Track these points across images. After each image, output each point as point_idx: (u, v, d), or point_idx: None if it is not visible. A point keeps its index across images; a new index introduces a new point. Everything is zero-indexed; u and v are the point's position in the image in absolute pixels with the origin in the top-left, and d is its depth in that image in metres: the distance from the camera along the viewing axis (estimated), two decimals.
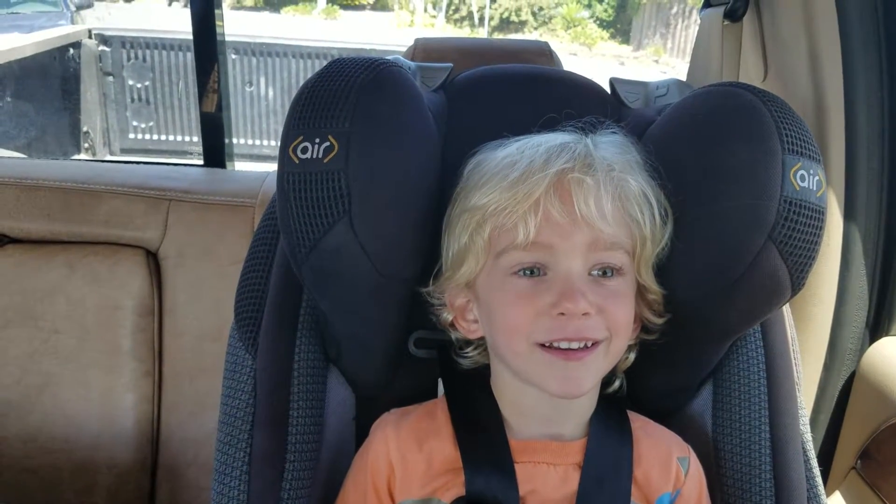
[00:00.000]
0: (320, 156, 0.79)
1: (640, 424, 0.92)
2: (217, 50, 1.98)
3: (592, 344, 0.80)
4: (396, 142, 0.82)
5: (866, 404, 1.47)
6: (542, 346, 0.79)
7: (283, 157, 0.80)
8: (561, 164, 0.79)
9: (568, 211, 0.78)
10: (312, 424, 0.93)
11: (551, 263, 0.80)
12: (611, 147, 0.84)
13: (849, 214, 1.46)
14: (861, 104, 1.44)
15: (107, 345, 1.70)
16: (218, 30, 1.97)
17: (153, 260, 1.72)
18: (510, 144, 0.86)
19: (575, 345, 0.79)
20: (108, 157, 5.47)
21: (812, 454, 1.01)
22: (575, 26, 15.40)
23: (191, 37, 1.99)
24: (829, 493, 1.49)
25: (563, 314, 0.78)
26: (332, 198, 0.78)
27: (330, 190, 0.78)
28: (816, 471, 1.01)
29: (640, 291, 0.87)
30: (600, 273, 0.81)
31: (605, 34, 15.45)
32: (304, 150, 0.79)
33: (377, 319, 0.92)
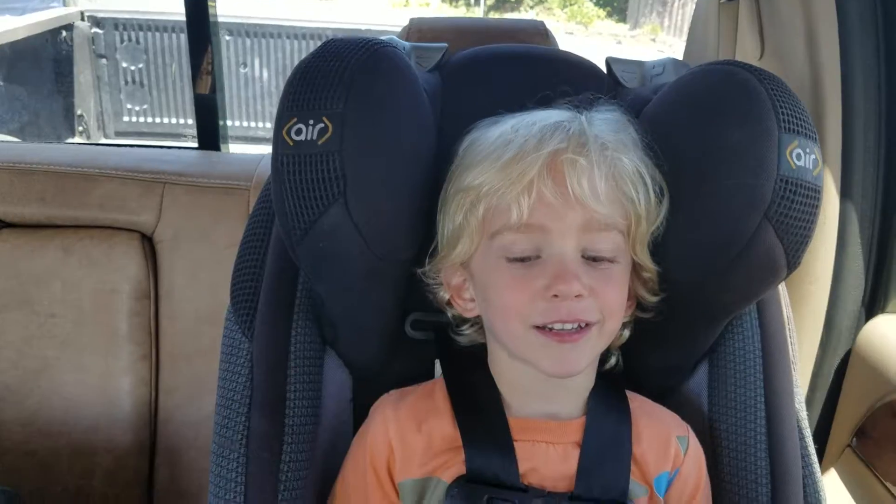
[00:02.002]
0: (314, 137, 0.78)
1: (639, 404, 0.93)
2: (210, 31, 1.96)
3: (586, 325, 0.80)
4: (391, 123, 0.82)
5: (862, 382, 1.48)
6: (538, 327, 0.80)
7: (277, 139, 0.80)
8: (555, 145, 0.79)
9: (561, 192, 0.78)
10: (310, 406, 0.93)
11: (545, 245, 0.80)
12: (605, 125, 0.84)
13: (845, 193, 1.46)
14: (858, 83, 1.43)
15: (103, 328, 1.70)
16: (211, 11, 1.95)
17: (148, 243, 1.72)
18: (505, 122, 0.85)
19: (569, 326, 0.79)
20: (103, 141, 5.44)
21: (807, 432, 1.02)
22: (571, 5, 15.28)
23: (184, 18, 1.97)
24: (824, 471, 1.50)
25: (556, 296, 0.78)
26: (327, 179, 0.78)
27: (324, 171, 0.78)
28: (812, 448, 1.01)
29: (636, 269, 0.87)
30: (593, 257, 0.81)
31: (602, 13, 15.32)
32: (299, 132, 0.78)
33: (373, 301, 0.92)
